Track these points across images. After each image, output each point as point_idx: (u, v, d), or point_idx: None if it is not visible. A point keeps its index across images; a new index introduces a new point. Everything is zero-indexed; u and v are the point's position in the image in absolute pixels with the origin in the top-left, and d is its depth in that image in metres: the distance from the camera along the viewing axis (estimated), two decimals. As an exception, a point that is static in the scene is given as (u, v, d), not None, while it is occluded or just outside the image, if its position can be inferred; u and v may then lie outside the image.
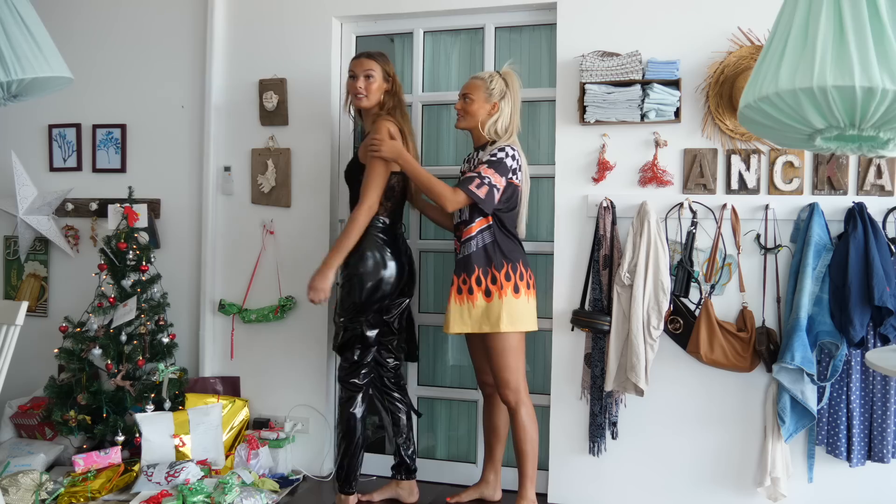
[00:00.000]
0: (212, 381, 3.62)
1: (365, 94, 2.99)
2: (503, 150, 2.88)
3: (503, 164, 2.85)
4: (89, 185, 3.90)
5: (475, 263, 2.88)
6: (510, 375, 2.90)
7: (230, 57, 3.66)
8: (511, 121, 2.95)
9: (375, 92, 3.00)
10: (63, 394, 3.45)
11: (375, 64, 3.00)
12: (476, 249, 2.88)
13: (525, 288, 2.90)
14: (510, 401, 2.93)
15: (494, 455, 3.20)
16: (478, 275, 2.87)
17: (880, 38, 1.40)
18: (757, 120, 1.65)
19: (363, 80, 2.99)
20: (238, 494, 2.97)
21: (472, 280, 2.88)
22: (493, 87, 2.92)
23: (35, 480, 3.05)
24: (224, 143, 3.67)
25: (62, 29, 3.70)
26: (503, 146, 2.89)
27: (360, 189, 2.94)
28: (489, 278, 2.86)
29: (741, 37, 2.98)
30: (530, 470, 2.96)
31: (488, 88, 2.92)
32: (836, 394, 2.85)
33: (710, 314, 2.92)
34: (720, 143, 3.02)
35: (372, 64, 3.00)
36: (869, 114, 1.45)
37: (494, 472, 3.20)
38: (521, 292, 2.88)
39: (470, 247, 2.89)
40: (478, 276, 2.87)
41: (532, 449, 2.94)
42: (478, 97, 2.93)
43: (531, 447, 2.94)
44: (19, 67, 2.17)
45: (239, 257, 3.65)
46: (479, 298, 2.87)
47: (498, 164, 2.84)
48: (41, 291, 4.01)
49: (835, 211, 2.86)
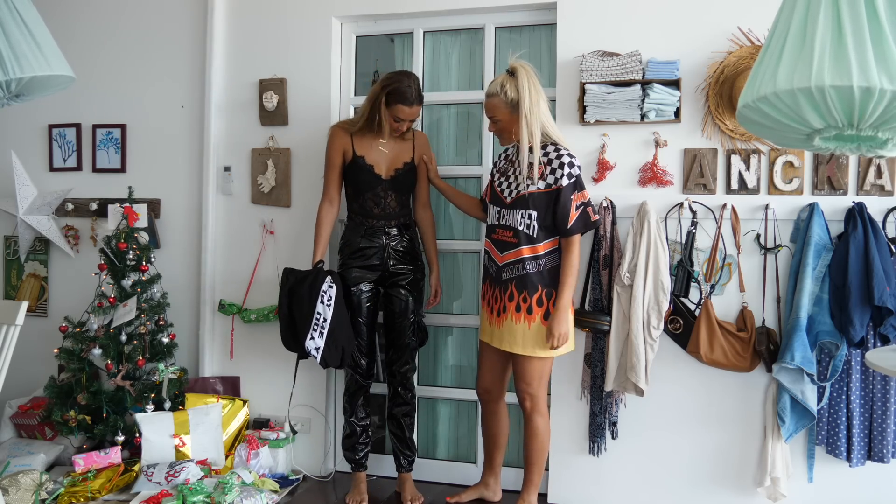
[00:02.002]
0: (212, 381, 3.62)
1: (406, 131, 3.13)
2: (571, 164, 2.75)
3: (580, 179, 2.79)
4: (89, 185, 3.91)
5: (539, 283, 2.80)
6: (537, 385, 2.89)
7: (230, 57, 3.66)
8: (542, 113, 2.78)
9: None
10: (63, 394, 3.45)
11: (420, 109, 3.10)
12: (540, 270, 2.81)
13: (571, 306, 2.89)
14: (527, 406, 2.92)
15: (494, 462, 3.18)
16: (540, 295, 2.81)
17: (878, 38, 1.40)
18: (756, 120, 1.65)
19: (409, 123, 3.09)
20: (238, 494, 2.97)
21: (534, 300, 2.81)
22: (510, 97, 2.77)
23: (35, 480, 3.06)
24: (224, 143, 3.67)
25: (62, 29, 3.70)
26: (562, 155, 2.76)
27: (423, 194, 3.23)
28: (552, 301, 2.81)
29: (741, 37, 2.98)
30: (536, 476, 2.96)
31: (507, 99, 2.78)
32: (836, 394, 2.84)
33: (710, 314, 2.92)
34: (720, 143, 3.02)
35: (419, 111, 3.09)
36: (867, 114, 1.44)
37: (494, 477, 3.19)
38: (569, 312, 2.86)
39: (533, 265, 2.80)
40: (540, 296, 2.81)
41: (540, 457, 2.95)
42: (502, 114, 2.81)
43: (539, 456, 2.94)
44: (18, 66, 2.16)
45: (239, 257, 3.65)
46: (537, 319, 2.81)
47: (578, 180, 2.77)
48: (41, 291, 4.01)
49: (835, 211, 2.86)
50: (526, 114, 2.75)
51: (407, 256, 3.16)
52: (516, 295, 2.82)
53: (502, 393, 3.11)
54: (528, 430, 2.95)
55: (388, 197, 3.12)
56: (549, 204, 2.77)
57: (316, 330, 2.95)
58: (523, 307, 2.82)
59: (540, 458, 2.95)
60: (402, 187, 3.15)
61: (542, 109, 2.79)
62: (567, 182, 2.74)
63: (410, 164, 3.16)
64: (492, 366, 3.05)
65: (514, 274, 2.83)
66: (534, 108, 2.75)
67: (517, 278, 2.82)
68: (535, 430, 2.92)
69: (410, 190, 3.21)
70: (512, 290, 2.83)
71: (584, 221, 2.78)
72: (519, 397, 2.95)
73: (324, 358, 2.97)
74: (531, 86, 2.77)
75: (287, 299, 3.03)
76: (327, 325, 2.94)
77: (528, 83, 2.76)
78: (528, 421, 2.93)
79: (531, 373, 2.88)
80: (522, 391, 2.91)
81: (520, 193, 2.81)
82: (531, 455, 2.95)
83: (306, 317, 2.95)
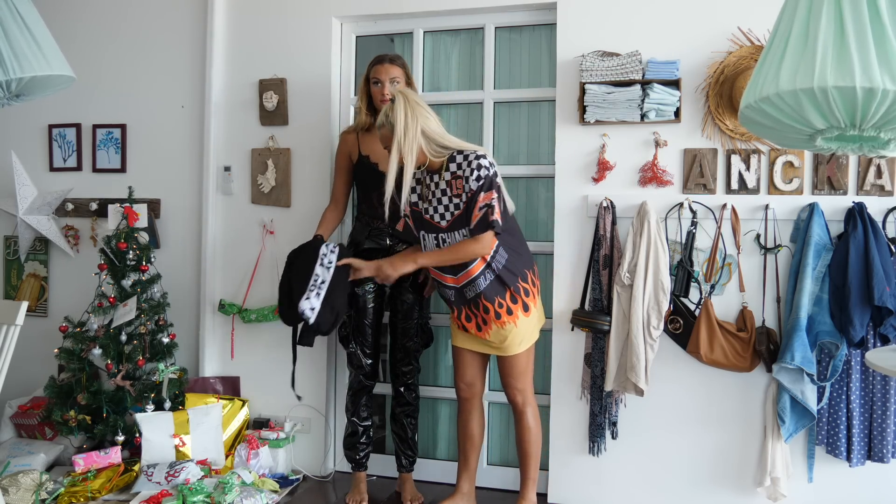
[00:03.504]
0: (212, 381, 3.62)
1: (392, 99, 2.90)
2: (479, 166, 2.64)
3: (491, 179, 2.65)
4: (89, 185, 3.90)
5: (505, 283, 2.76)
6: (525, 378, 2.89)
7: (230, 57, 3.66)
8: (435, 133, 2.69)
9: None
10: (63, 394, 3.45)
11: (400, 70, 3.03)
12: (498, 272, 2.75)
13: (536, 294, 2.86)
14: (518, 402, 2.90)
15: (470, 464, 3.06)
16: (511, 293, 2.77)
17: (881, 38, 1.40)
18: (758, 120, 1.65)
19: (389, 85, 3.01)
20: (238, 494, 2.97)
21: (508, 300, 2.77)
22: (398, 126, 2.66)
23: (35, 480, 3.05)
24: (224, 143, 3.67)
25: (62, 29, 3.70)
26: (470, 159, 2.66)
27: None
28: (522, 292, 2.79)
29: (741, 37, 2.98)
30: (533, 472, 2.95)
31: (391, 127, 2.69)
32: (836, 394, 2.85)
33: (710, 314, 2.93)
34: (720, 143, 3.02)
35: (397, 70, 3.02)
36: (870, 114, 1.45)
37: (470, 482, 3.05)
38: (530, 307, 2.83)
39: (490, 273, 2.74)
40: (511, 294, 2.77)
41: (536, 451, 2.94)
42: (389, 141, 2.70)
43: (535, 449, 2.93)
44: (18, 66, 2.16)
45: (239, 257, 3.65)
46: (518, 315, 2.80)
47: (487, 181, 2.64)
48: (41, 291, 4.01)
49: (835, 211, 2.86)
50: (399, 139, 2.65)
51: None
52: (490, 306, 2.77)
53: (483, 387, 3.07)
54: (521, 425, 2.91)
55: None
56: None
57: (313, 290, 2.80)
58: (502, 312, 2.77)
59: (536, 450, 2.93)
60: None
61: (433, 126, 2.69)
62: (476, 185, 2.64)
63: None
64: (472, 360, 2.98)
65: (478, 290, 2.76)
66: (408, 133, 2.66)
67: (482, 292, 2.76)
68: (529, 424, 2.90)
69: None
70: (484, 304, 2.77)
71: (485, 222, 2.66)
72: (508, 394, 2.92)
73: (317, 322, 2.77)
74: (412, 109, 2.67)
75: (287, 269, 2.94)
76: (325, 287, 2.80)
77: (409, 104, 2.68)
78: (521, 416, 2.90)
79: (518, 367, 2.86)
80: (511, 387, 2.89)
81: (455, 215, 2.72)
82: (528, 449, 2.92)
83: (303, 280, 2.82)
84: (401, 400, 3.22)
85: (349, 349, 3.16)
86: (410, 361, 3.20)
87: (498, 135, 3.44)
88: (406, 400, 3.22)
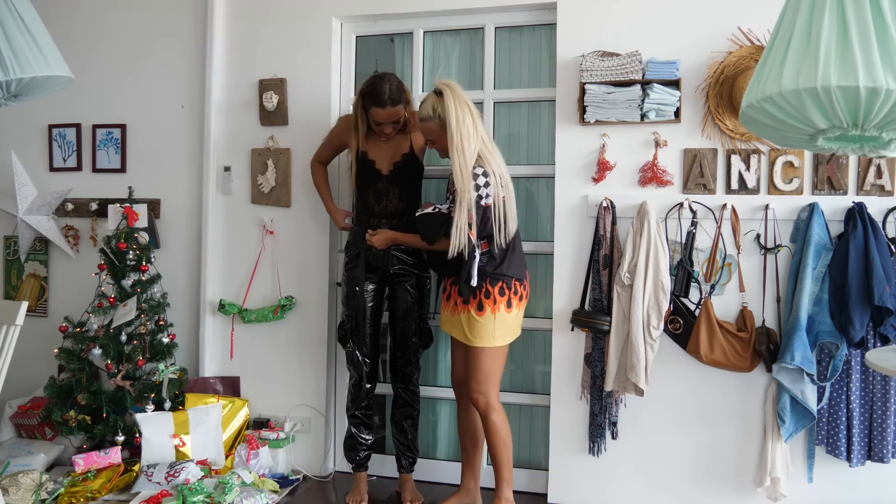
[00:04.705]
0: (212, 381, 3.62)
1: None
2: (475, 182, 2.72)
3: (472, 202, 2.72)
4: (89, 185, 3.90)
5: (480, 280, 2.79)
6: (487, 382, 2.86)
7: (230, 57, 3.66)
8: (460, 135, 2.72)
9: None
10: (63, 394, 3.45)
11: (401, 107, 3.00)
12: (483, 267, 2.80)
13: (516, 304, 2.86)
14: (480, 404, 2.87)
15: (472, 461, 3.10)
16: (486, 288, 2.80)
17: (884, 38, 1.40)
18: (759, 120, 1.65)
19: (392, 125, 3.03)
20: (238, 494, 2.97)
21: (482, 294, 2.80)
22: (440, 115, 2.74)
23: (35, 480, 3.05)
24: (224, 143, 3.67)
25: (62, 29, 3.71)
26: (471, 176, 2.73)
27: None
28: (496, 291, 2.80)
29: (741, 37, 2.98)
30: (506, 472, 2.91)
31: (441, 120, 2.75)
32: (836, 394, 2.85)
33: (710, 314, 2.93)
34: (720, 143, 3.02)
35: (399, 110, 2.99)
36: (872, 114, 1.45)
37: (474, 480, 3.11)
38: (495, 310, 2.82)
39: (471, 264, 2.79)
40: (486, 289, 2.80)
41: (506, 451, 2.89)
42: (437, 135, 2.80)
43: (503, 451, 2.89)
44: (18, 67, 2.16)
45: (239, 257, 3.65)
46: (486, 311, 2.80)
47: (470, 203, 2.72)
48: (41, 291, 4.00)
49: (835, 211, 2.86)
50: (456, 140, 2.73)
51: (410, 258, 3.15)
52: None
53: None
54: (487, 429, 2.90)
55: (389, 193, 3.11)
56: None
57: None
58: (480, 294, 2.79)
59: (504, 454, 2.89)
60: (403, 180, 3.12)
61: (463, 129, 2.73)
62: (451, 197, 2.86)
63: (410, 155, 3.13)
64: (460, 355, 3.03)
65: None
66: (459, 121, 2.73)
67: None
68: (494, 428, 2.87)
69: (412, 183, 3.17)
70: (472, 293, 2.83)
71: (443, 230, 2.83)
72: (471, 397, 2.90)
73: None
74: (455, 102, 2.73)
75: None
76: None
77: (454, 98, 2.73)
78: (485, 419, 2.89)
79: (481, 368, 2.84)
80: (473, 389, 2.87)
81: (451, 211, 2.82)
82: (495, 453, 2.90)
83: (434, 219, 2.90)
84: (400, 400, 3.22)
85: (347, 348, 3.16)
86: (410, 362, 3.19)
87: (498, 135, 3.44)
88: (406, 401, 3.22)
